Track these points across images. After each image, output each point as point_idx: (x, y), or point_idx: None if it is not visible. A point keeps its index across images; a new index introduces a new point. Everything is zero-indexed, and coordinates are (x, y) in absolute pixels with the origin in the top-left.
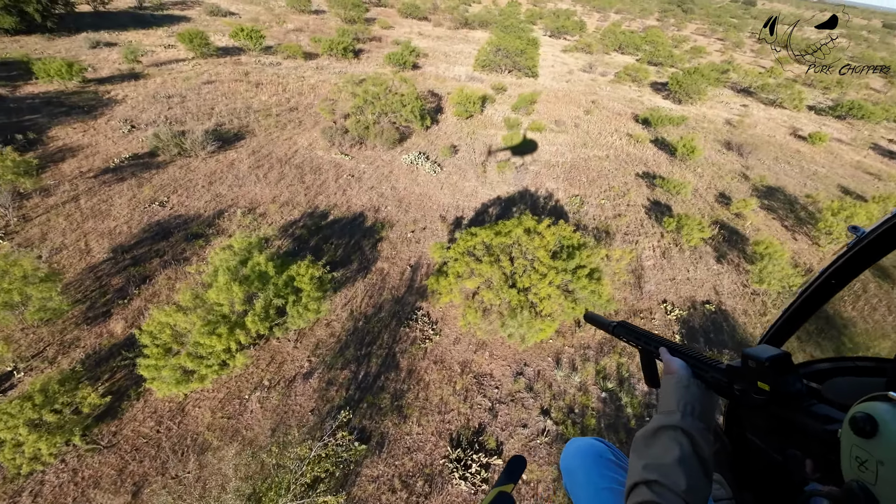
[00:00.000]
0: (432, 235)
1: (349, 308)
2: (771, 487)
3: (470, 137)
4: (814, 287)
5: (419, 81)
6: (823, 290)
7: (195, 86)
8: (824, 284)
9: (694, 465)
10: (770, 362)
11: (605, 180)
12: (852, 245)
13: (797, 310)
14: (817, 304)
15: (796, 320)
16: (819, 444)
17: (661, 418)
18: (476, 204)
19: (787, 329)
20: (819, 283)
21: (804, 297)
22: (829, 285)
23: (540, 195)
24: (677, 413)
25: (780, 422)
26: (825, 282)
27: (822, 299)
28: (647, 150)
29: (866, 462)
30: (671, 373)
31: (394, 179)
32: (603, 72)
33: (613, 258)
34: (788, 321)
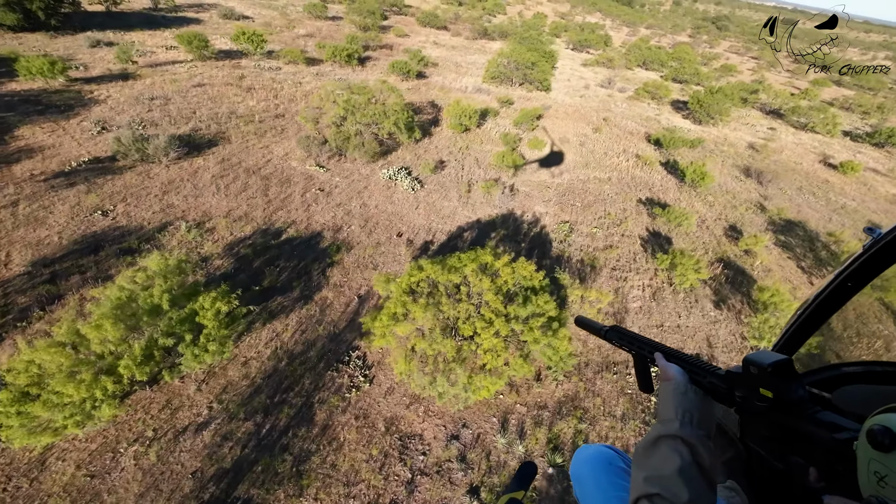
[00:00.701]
0: (393, 261)
1: (276, 344)
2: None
3: (461, 153)
4: (829, 290)
5: (422, 92)
6: (839, 293)
7: (184, 88)
8: (840, 287)
9: (695, 475)
10: (772, 368)
11: (602, 206)
12: (868, 247)
13: (811, 314)
14: (833, 309)
15: (810, 325)
16: (825, 452)
17: (660, 427)
18: (451, 227)
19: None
20: (834, 286)
21: (818, 300)
22: (846, 288)
23: (525, 220)
24: (676, 421)
25: (782, 429)
26: (841, 285)
27: (838, 303)
28: (654, 174)
29: (886, 477)
30: (668, 379)
31: (366, 196)
32: (621, 88)
33: (588, 298)
34: (802, 326)
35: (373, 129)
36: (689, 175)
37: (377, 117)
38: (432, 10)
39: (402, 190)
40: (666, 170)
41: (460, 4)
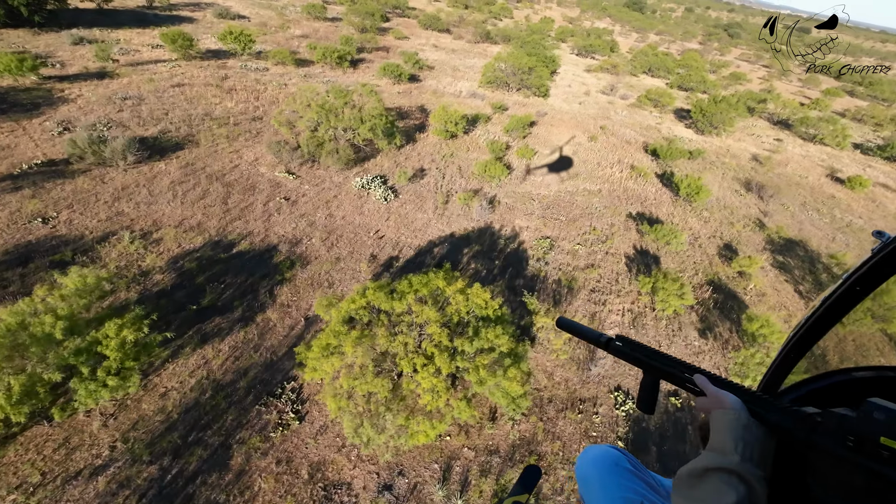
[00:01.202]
0: (351, 279)
1: (203, 372)
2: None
3: (445, 161)
4: (837, 295)
5: (413, 96)
6: (847, 297)
7: (161, 88)
8: (848, 292)
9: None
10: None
11: (589, 220)
12: (877, 251)
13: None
14: (841, 313)
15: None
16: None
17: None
18: (421, 242)
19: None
20: (843, 290)
21: (827, 305)
22: (854, 292)
23: (503, 234)
24: (734, 455)
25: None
26: (849, 289)
27: (846, 308)
28: (649, 187)
29: None
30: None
31: (334, 206)
32: (624, 94)
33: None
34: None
35: (349, 135)
36: (683, 189)
37: (353, 122)
38: (435, 12)
39: (374, 200)
40: (661, 182)
41: (466, 7)
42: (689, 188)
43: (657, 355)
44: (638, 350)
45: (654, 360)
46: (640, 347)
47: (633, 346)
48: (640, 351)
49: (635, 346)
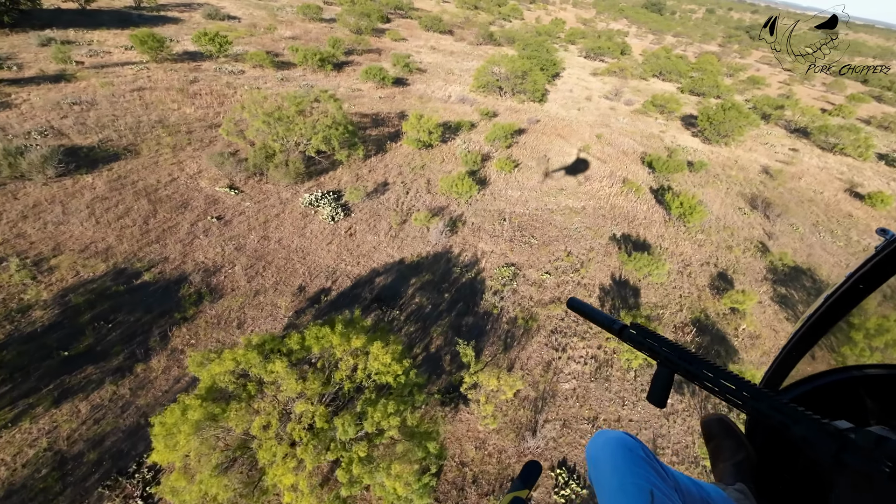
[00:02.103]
0: (268, 317)
1: (49, 440)
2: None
3: (414, 174)
4: (840, 292)
5: (396, 101)
6: (850, 295)
7: (118, 92)
8: (851, 289)
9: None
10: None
11: (564, 243)
12: (881, 248)
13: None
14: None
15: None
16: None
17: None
18: (363, 270)
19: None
20: (846, 288)
21: (830, 302)
22: (857, 290)
23: (461, 261)
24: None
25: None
26: (852, 287)
27: (849, 306)
28: (640, 204)
29: None
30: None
31: (273, 226)
32: (628, 100)
33: (486, 386)
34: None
35: (302, 146)
36: (674, 208)
37: (305, 132)
38: (438, 13)
39: (321, 220)
40: (656, 198)
41: (476, 8)
42: (682, 208)
43: (674, 347)
44: (653, 339)
45: (671, 353)
46: (656, 337)
47: (649, 334)
48: (656, 340)
49: (650, 335)
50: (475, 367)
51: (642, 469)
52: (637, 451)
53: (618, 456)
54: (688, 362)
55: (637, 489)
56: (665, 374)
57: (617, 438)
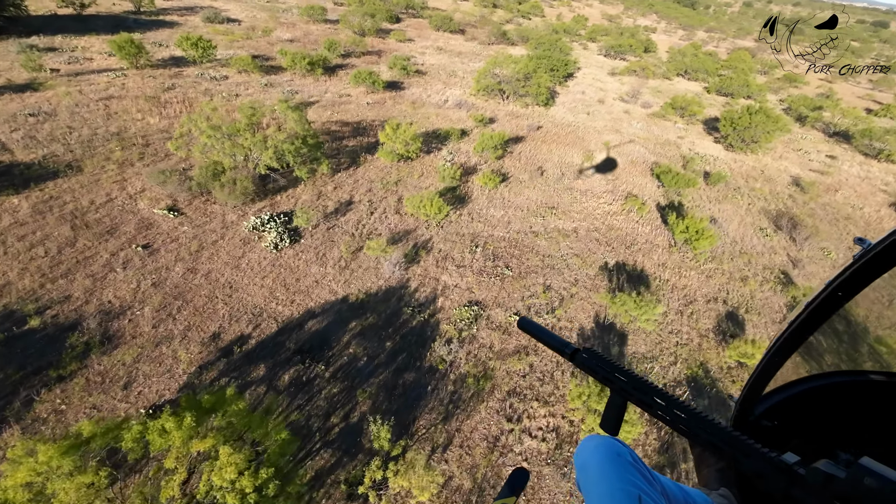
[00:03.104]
0: (164, 374)
1: None
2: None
3: (385, 191)
4: (820, 299)
5: (386, 107)
6: (829, 302)
7: (83, 102)
8: (830, 297)
9: None
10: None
11: (544, 275)
12: (858, 257)
13: (802, 324)
14: (823, 318)
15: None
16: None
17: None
18: (296, 310)
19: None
20: (825, 295)
21: (810, 309)
22: (836, 298)
23: (416, 299)
24: None
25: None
26: (831, 294)
27: (828, 312)
28: (643, 225)
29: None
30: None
31: (204, 257)
32: (646, 102)
33: (398, 485)
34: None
35: (251, 163)
36: (678, 233)
37: (255, 148)
38: (451, 12)
39: (263, 247)
40: (662, 217)
41: (494, 6)
42: (687, 233)
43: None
44: (606, 366)
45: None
46: (609, 364)
47: (601, 361)
48: (609, 367)
49: (603, 362)
50: (396, 448)
51: (630, 474)
52: (625, 456)
53: (606, 461)
54: (641, 391)
55: (625, 494)
56: (618, 402)
57: (605, 444)
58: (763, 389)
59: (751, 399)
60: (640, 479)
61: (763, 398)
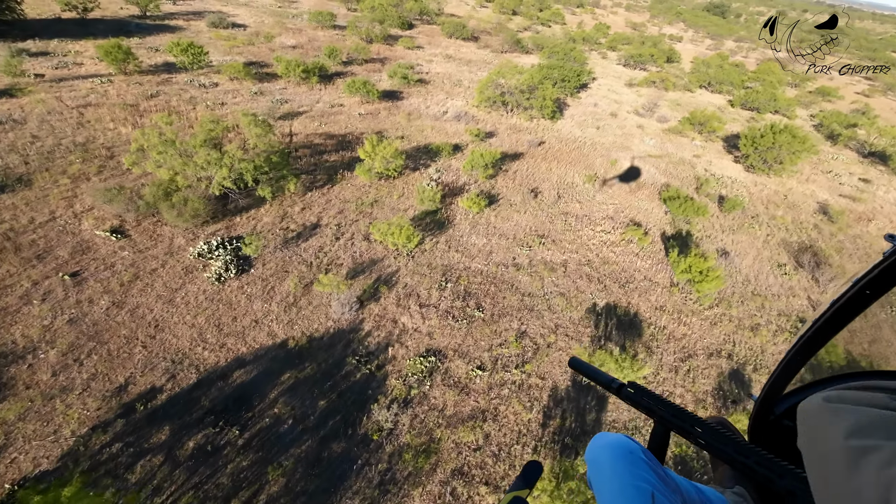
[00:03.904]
0: (47, 439)
1: None
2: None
3: (358, 213)
4: (847, 298)
5: (379, 118)
6: (856, 301)
7: (57, 109)
8: (858, 295)
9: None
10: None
11: (520, 319)
12: (889, 254)
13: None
14: (849, 317)
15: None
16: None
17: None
18: (223, 358)
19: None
20: (852, 294)
21: (836, 308)
22: (864, 296)
23: (367, 345)
24: None
25: None
26: (859, 292)
27: (855, 312)
28: (642, 259)
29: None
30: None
31: (137, 289)
32: (663, 116)
33: None
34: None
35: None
36: (680, 272)
37: (209, 165)
38: (465, 19)
39: (205, 278)
40: (666, 249)
41: (513, 13)
42: (689, 273)
43: (669, 406)
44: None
45: (665, 412)
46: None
47: (646, 394)
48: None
49: (647, 395)
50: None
51: (643, 471)
52: (637, 453)
53: (618, 458)
54: (681, 420)
55: (637, 491)
56: (661, 432)
57: (617, 441)
58: (784, 388)
59: (771, 398)
60: (653, 476)
61: (784, 397)
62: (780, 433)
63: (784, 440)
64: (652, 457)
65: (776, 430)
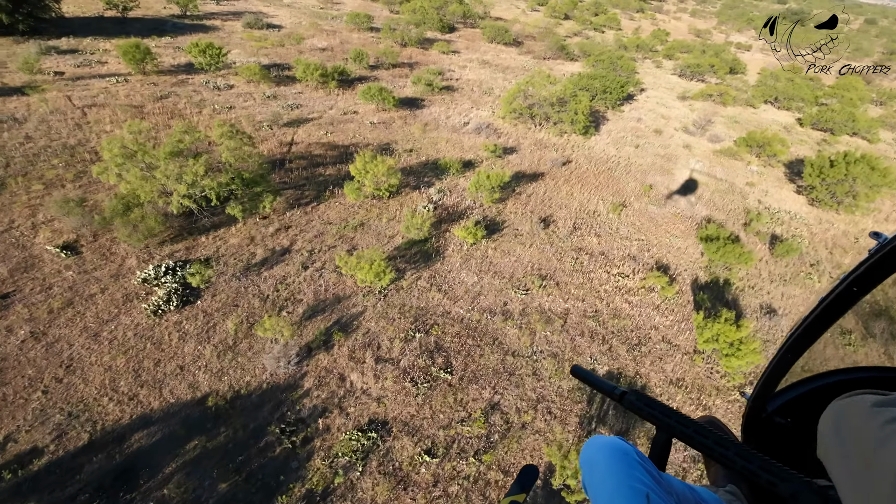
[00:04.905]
0: None
1: None
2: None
3: (337, 238)
4: (835, 295)
5: (392, 128)
6: (844, 298)
7: (60, 108)
8: (846, 292)
9: None
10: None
11: (495, 385)
12: (874, 251)
13: (816, 319)
14: (838, 314)
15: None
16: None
17: None
18: (128, 414)
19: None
20: (840, 291)
21: (824, 306)
22: (851, 293)
23: (300, 409)
24: None
25: None
26: (846, 290)
27: (843, 308)
28: (662, 313)
29: None
30: None
31: (65, 318)
32: (716, 135)
33: None
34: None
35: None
36: (704, 340)
37: (168, 179)
38: (510, 22)
39: (143, 309)
40: (696, 303)
41: (565, 17)
42: (716, 342)
43: (672, 413)
44: (652, 406)
45: (668, 419)
46: (655, 403)
47: (648, 401)
48: (655, 407)
49: (650, 402)
50: None
51: (638, 472)
52: (632, 455)
53: (612, 460)
54: (684, 426)
55: (633, 492)
56: (663, 439)
57: (611, 443)
58: (776, 386)
59: (763, 396)
60: (648, 478)
61: (776, 395)
62: (772, 430)
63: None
64: (646, 458)
65: (768, 428)
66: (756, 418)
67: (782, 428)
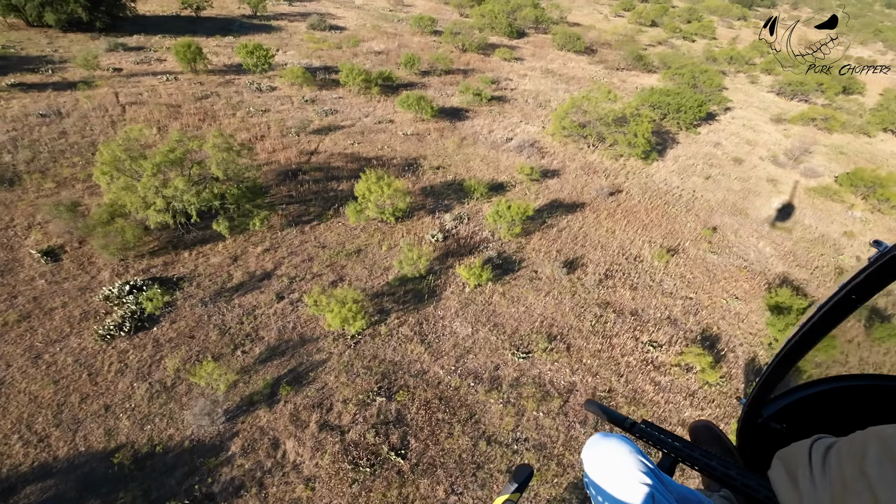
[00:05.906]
0: None
1: None
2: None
3: (326, 265)
4: (833, 302)
5: (426, 141)
6: (843, 306)
7: (103, 104)
8: (844, 300)
9: None
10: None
11: (453, 481)
12: (874, 259)
13: (814, 326)
14: (836, 321)
15: (813, 338)
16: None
17: None
18: (33, 458)
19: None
20: (839, 298)
21: (822, 312)
22: (850, 301)
23: (212, 482)
24: None
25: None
26: (845, 297)
27: (841, 316)
28: (696, 405)
29: None
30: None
31: (15, 333)
32: (812, 168)
33: None
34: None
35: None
36: None
37: (148, 194)
38: (583, 29)
39: (93, 331)
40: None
41: (653, 25)
42: None
43: (678, 439)
44: (660, 433)
45: (673, 445)
46: (662, 431)
47: (656, 429)
48: (662, 434)
49: (658, 430)
50: None
51: (643, 470)
52: (636, 454)
53: (616, 456)
54: (689, 450)
55: (639, 489)
56: (669, 462)
57: (616, 441)
58: (772, 392)
59: (760, 401)
60: (652, 476)
61: (772, 401)
62: (767, 436)
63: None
64: (648, 458)
65: (763, 433)
66: (751, 424)
67: (777, 433)
